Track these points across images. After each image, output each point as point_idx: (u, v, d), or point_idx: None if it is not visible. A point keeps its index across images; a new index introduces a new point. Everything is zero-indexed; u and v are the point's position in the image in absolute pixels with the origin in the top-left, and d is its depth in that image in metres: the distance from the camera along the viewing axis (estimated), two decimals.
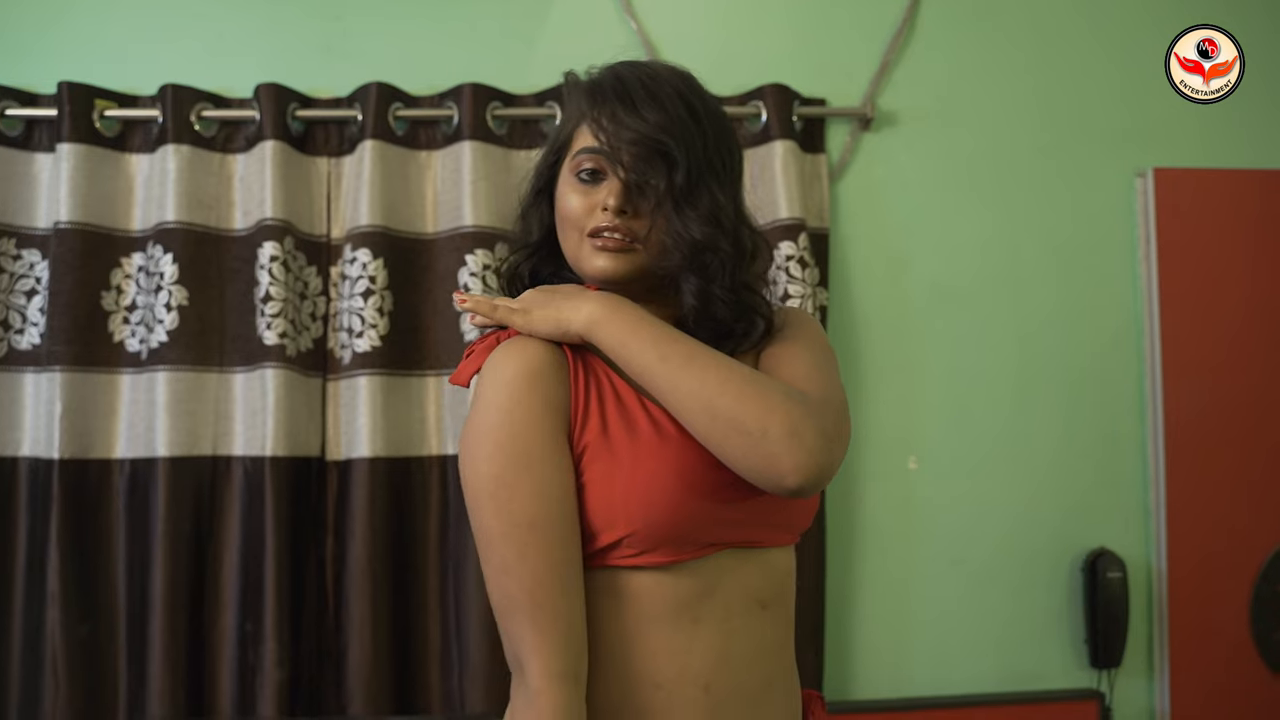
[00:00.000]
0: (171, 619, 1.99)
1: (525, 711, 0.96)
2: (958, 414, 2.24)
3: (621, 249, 1.06)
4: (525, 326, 1.04)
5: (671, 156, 1.04)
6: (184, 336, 2.05)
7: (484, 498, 0.99)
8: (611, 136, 1.04)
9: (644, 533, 0.99)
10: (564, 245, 1.11)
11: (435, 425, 2.11)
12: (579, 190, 1.08)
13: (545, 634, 0.96)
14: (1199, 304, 2.22)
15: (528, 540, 0.97)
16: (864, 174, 2.24)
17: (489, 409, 1.00)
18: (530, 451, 0.99)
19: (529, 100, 2.17)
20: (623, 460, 1.01)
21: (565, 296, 1.05)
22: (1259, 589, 2.20)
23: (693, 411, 0.98)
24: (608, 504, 1.00)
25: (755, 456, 0.95)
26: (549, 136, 1.17)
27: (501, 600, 0.99)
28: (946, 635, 2.20)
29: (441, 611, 2.08)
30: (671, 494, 1.00)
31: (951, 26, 2.27)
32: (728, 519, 1.04)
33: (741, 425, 0.95)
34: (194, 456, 2.04)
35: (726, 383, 0.97)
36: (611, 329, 1.01)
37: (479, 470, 0.99)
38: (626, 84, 1.06)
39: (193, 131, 2.09)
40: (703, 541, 1.03)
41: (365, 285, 2.06)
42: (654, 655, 1.01)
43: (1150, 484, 2.22)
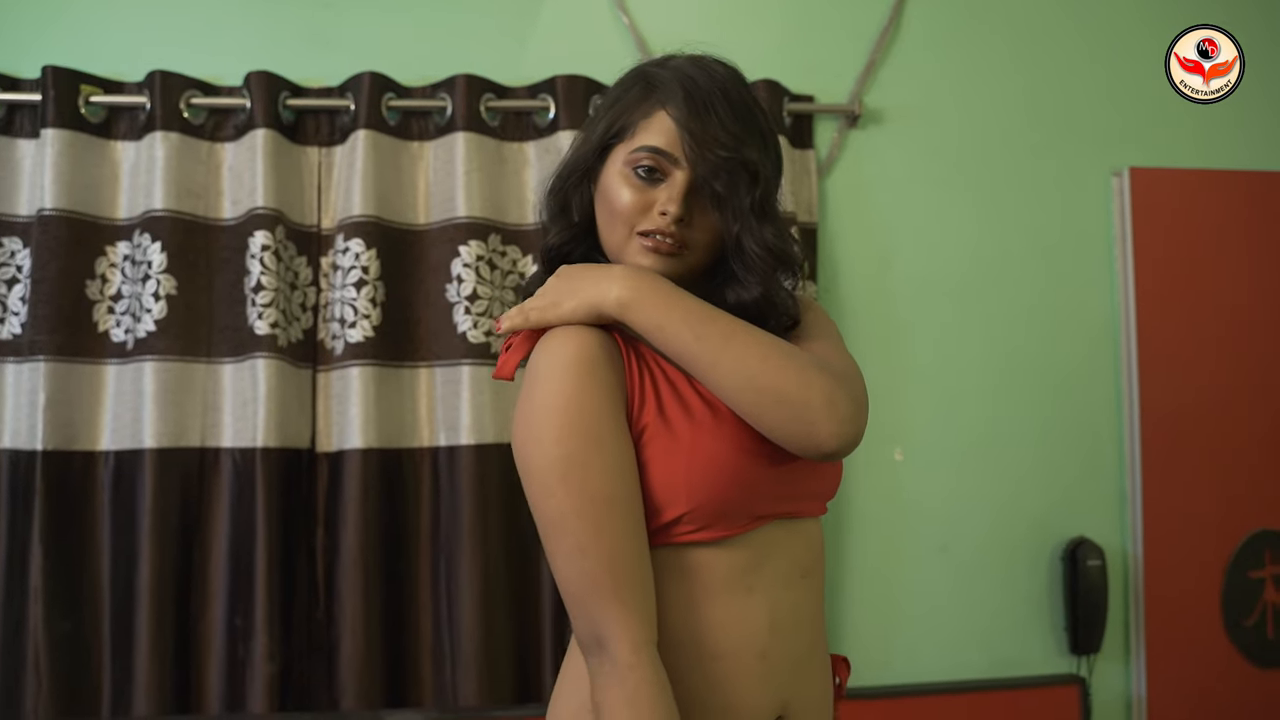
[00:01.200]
0: (158, 613, 1.96)
1: (616, 689, 0.96)
2: (942, 407, 2.28)
3: (671, 253, 1.07)
4: (560, 319, 1.04)
5: (755, 172, 1.06)
6: (172, 326, 2.02)
7: (555, 479, 0.98)
8: (698, 147, 1.04)
9: (704, 508, 1.02)
10: (606, 234, 1.11)
11: (427, 417, 2.11)
12: (634, 185, 1.07)
13: (630, 609, 0.97)
14: (1174, 300, 2.29)
15: (604, 517, 0.98)
16: (851, 170, 2.28)
17: (552, 392, 1.00)
18: (600, 430, 1.00)
19: (521, 93, 2.17)
20: (681, 438, 1.03)
21: (588, 279, 1.05)
22: (1230, 576, 2.27)
23: (734, 388, 1.01)
24: (669, 482, 1.01)
25: (796, 425, 1.00)
26: (600, 116, 1.13)
27: (579, 580, 0.98)
28: (931, 624, 2.24)
29: (434, 604, 2.07)
30: (730, 469, 1.02)
31: (935, 27, 2.31)
32: (774, 492, 1.07)
33: (784, 397, 1.00)
34: (182, 448, 2.01)
35: (767, 359, 1.01)
36: (645, 311, 1.02)
37: (549, 452, 0.99)
38: (709, 91, 1.06)
39: (181, 119, 2.06)
40: (754, 514, 1.05)
41: (358, 275, 2.05)
42: (713, 627, 1.03)
43: (1127, 474, 2.28)
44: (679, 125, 1.05)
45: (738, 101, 1.08)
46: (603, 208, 1.11)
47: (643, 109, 1.08)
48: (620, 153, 1.09)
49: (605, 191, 1.10)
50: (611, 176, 1.09)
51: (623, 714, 0.95)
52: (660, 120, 1.07)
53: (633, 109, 1.09)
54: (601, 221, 1.11)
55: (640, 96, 1.09)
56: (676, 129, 1.05)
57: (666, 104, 1.06)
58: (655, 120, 1.07)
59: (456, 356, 2.07)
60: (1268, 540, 2.29)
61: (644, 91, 1.09)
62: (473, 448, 2.04)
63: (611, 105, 1.11)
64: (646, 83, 1.10)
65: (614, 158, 1.09)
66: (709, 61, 1.11)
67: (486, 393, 2.06)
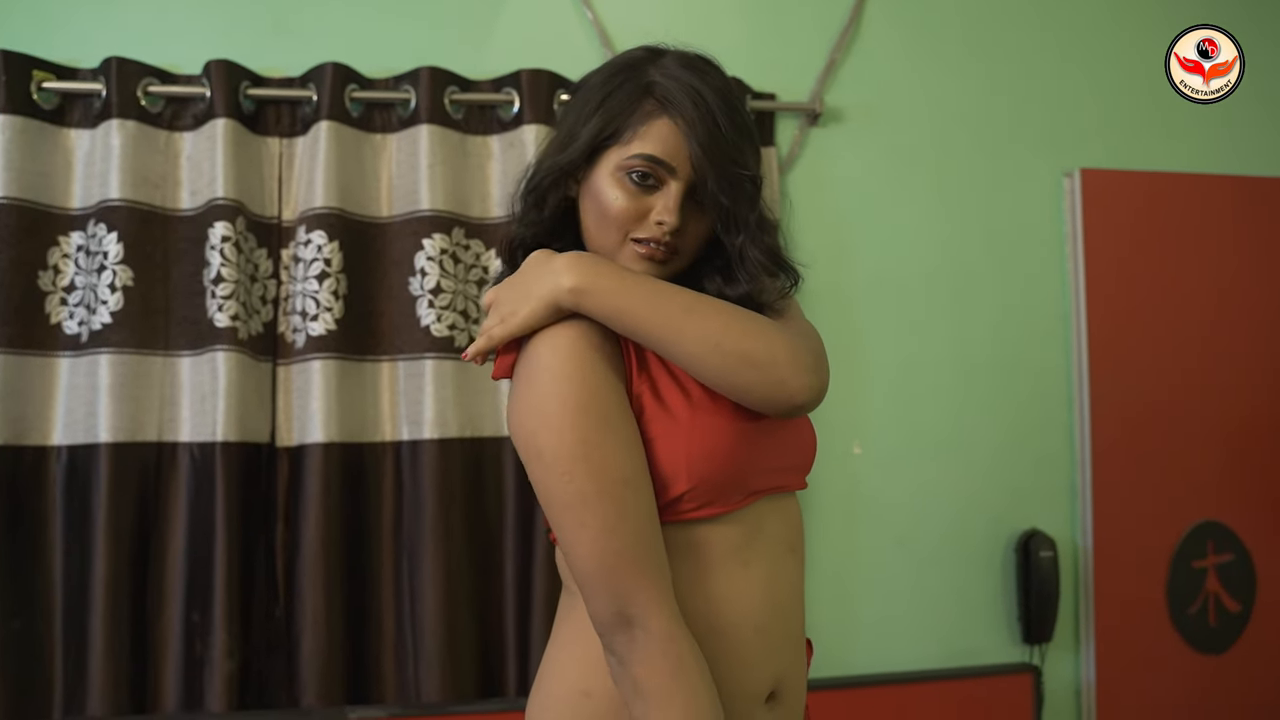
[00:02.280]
0: (113, 610, 1.92)
1: (658, 660, 0.97)
2: (900, 402, 2.32)
3: (664, 259, 1.09)
4: (523, 327, 1.03)
5: (758, 184, 1.09)
6: (128, 318, 1.98)
7: (574, 462, 0.98)
8: (708, 162, 1.04)
9: (704, 485, 1.03)
10: (597, 237, 1.10)
11: (390, 411, 2.09)
12: (628, 191, 1.06)
13: (659, 584, 0.99)
14: (1124, 298, 2.36)
15: (626, 496, 0.99)
16: (812, 168, 2.31)
17: (559, 378, 1.00)
18: (611, 411, 1.01)
19: (486, 86, 2.16)
20: (680, 418, 1.04)
21: (535, 277, 1.04)
22: (1175, 566, 2.34)
23: (700, 356, 1.03)
24: (670, 461, 1.03)
25: (766, 384, 1.03)
26: (586, 112, 1.10)
27: (605, 559, 0.98)
28: (889, 615, 2.28)
29: (396, 599, 2.06)
30: (726, 445, 1.05)
31: (894, 28, 2.35)
32: (765, 466, 1.10)
33: (751, 358, 1.03)
34: (138, 442, 1.97)
35: (728, 325, 1.04)
36: (601, 297, 1.02)
37: (563, 437, 0.99)
38: (713, 103, 1.06)
39: (139, 107, 2.02)
40: (749, 489, 1.08)
41: (320, 268, 2.02)
42: (711, 602, 1.05)
43: (1078, 468, 2.34)
44: (686, 139, 1.05)
45: (736, 110, 1.09)
46: (593, 210, 1.10)
47: (641, 114, 1.06)
48: (614, 156, 1.07)
49: (597, 195, 1.08)
50: (603, 179, 1.08)
51: (669, 684, 0.96)
52: (661, 128, 1.06)
53: (628, 112, 1.07)
54: (591, 223, 1.10)
55: (635, 99, 1.07)
56: (684, 142, 1.05)
57: (671, 114, 1.06)
58: (655, 128, 1.06)
59: (420, 350, 2.06)
60: (1211, 531, 2.36)
61: (640, 94, 1.07)
62: (436, 442, 2.03)
63: (601, 104, 1.08)
64: (642, 85, 1.07)
65: (606, 160, 1.08)
66: (703, 66, 1.10)
67: (450, 387, 2.05)
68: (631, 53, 1.14)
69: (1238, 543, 2.38)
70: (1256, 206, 2.45)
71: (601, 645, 1.01)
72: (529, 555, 2.06)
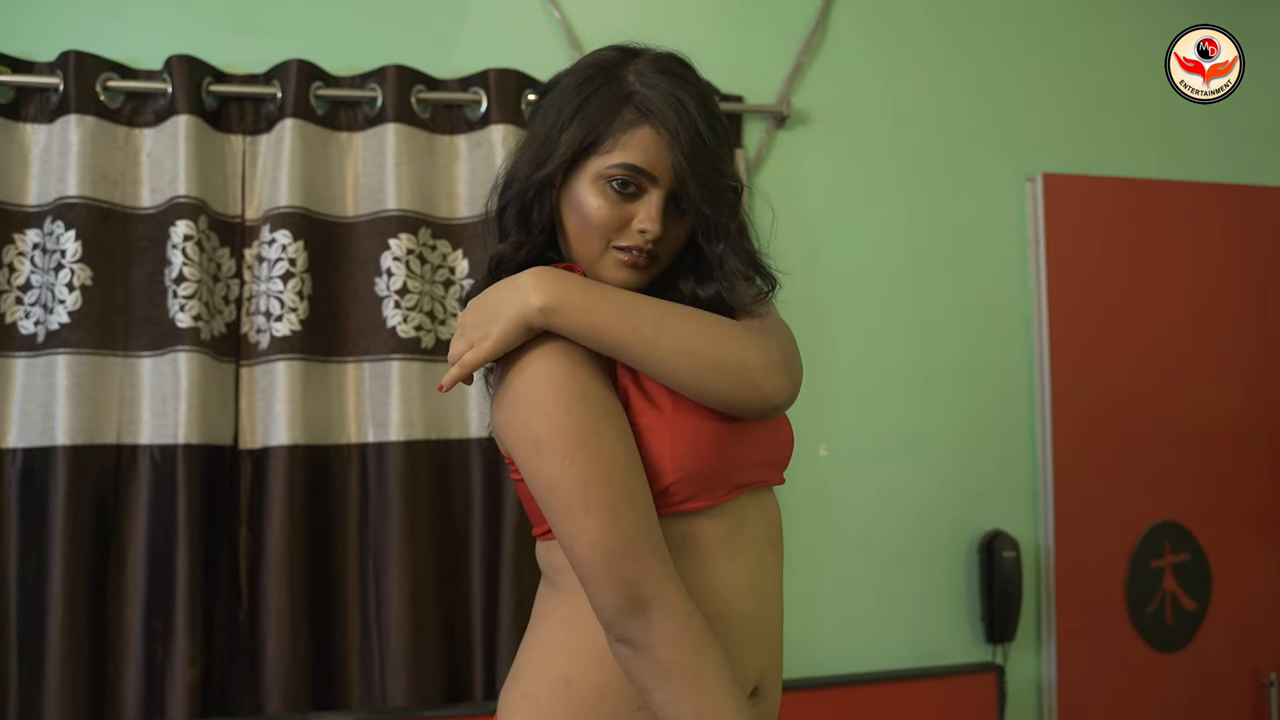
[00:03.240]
0: (71, 617, 1.88)
1: (681, 638, 0.97)
2: (865, 404, 2.33)
3: (646, 266, 1.09)
4: (495, 350, 1.03)
5: (739, 192, 1.10)
6: (87, 318, 1.94)
7: (573, 446, 0.98)
8: (691, 174, 1.05)
9: (690, 478, 1.04)
10: (578, 245, 1.10)
11: (355, 412, 2.07)
12: (609, 199, 1.06)
13: (667, 564, 0.99)
14: (1084, 302, 2.39)
15: (627, 480, 0.99)
16: (778, 170, 2.31)
17: (551, 368, 1.01)
18: (605, 399, 1.02)
19: (453, 85, 2.15)
20: (665, 412, 1.05)
21: (501, 299, 1.03)
22: (1134, 565, 2.38)
23: (675, 368, 1.03)
24: (657, 453, 1.04)
25: (742, 389, 1.04)
26: (563, 118, 1.08)
27: (613, 544, 0.97)
28: (854, 615, 2.29)
29: (362, 603, 2.04)
30: (709, 438, 1.06)
31: (861, 31, 2.37)
32: (747, 460, 1.11)
33: (724, 365, 1.04)
34: (97, 445, 1.93)
35: (700, 333, 1.04)
36: (571, 315, 1.01)
37: (561, 423, 0.99)
38: (695, 113, 1.05)
39: (97, 102, 1.98)
40: (733, 482, 1.09)
41: (285, 268, 2.00)
42: (704, 594, 1.04)
43: (1040, 468, 2.37)
44: (669, 149, 1.05)
45: (715, 116, 1.09)
46: (574, 218, 1.09)
47: (621, 122, 1.06)
48: (594, 164, 1.07)
49: (578, 203, 1.08)
50: (584, 188, 1.07)
51: (696, 660, 0.97)
52: (643, 138, 1.05)
53: (608, 119, 1.06)
54: (573, 231, 1.10)
55: (614, 106, 1.06)
56: (666, 152, 1.05)
57: (653, 123, 1.05)
58: (637, 137, 1.05)
59: (386, 351, 2.04)
60: (1168, 531, 2.41)
61: (619, 101, 1.06)
62: (402, 444, 2.01)
63: (578, 110, 1.07)
64: (622, 92, 1.07)
65: (586, 168, 1.07)
66: (680, 69, 1.10)
67: (416, 388, 2.03)
68: (604, 53, 1.13)
69: (1193, 542, 2.43)
70: (1217, 212, 2.50)
71: (608, 637, 1.00)
72: (496, 558, 2.05)
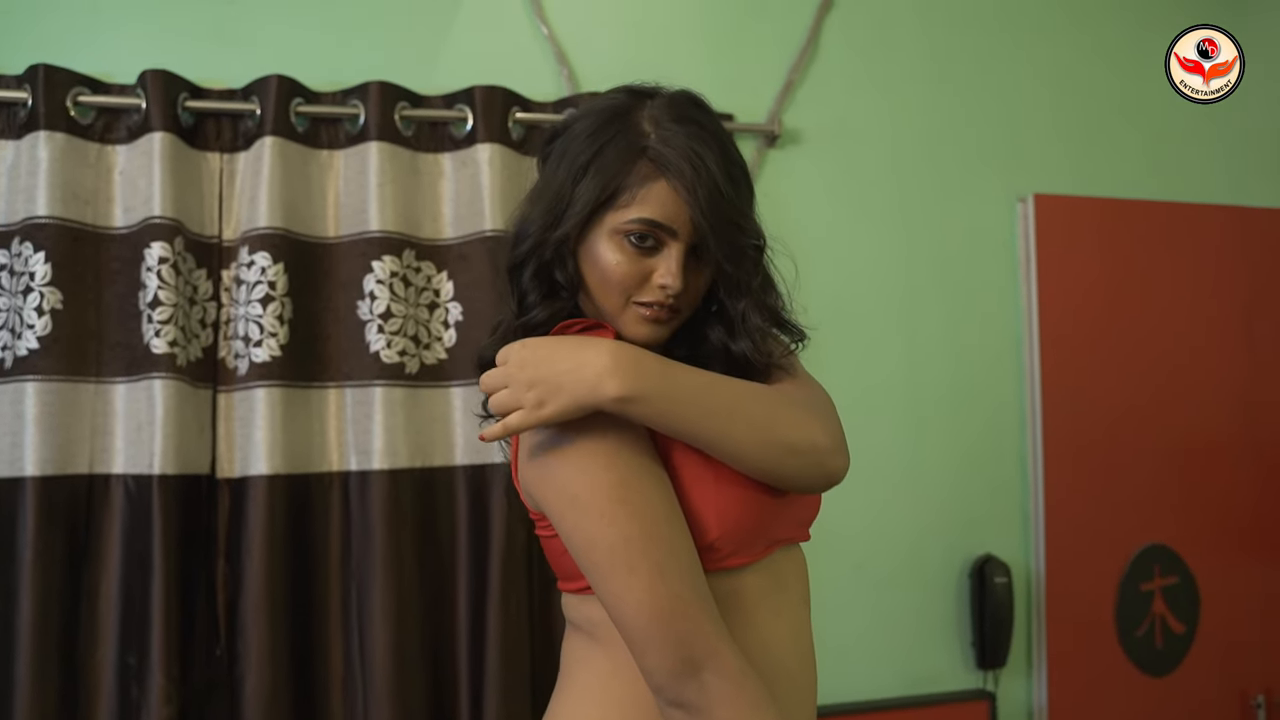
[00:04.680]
0: (40, 653, 1.80)
1: (739, 698, 0.93)
2: (855, 427, 2.25)
3: (668, 319, 1.07)
4: (552, 422, 0.97)
5: (761, 247, 1.09)
6: (57, 343, 1.86)
7: (614, 505, 0.95)
8: (712, 232, 1.02)
9: (733, 533, 1.02)
10: (600, 299, 1.07)
11: (337, 439, 2.01)
12: (628, 254, 1.04)
13: (718, 621, 0.96)
14: (1076, 324, 2.37)
15: (675, 536, 0.97)
16: (769, 189, 2.27)
17: (585, 427, 0.98)
18: (645, 453, 1.00)
19: (437, 102, 2.09)
20: (704, 468, 1.03)
21: (566, 364, 0.97)
22: (1124, 589, 2.36)
23: (746, 454, 1.01)
24: (700, 507, 1.01)
25: (812, 469, 1.05)
26: (576, 169, 1.05)
27: (661, 604, 0.93)
28: (846, 642, 2.26)
29: (345, 636, 1.98)
30: (756, 492, 1.04)
31: (853, 49, 2.33)
32: (784, 516, 1.10)
33: (795, 448, 1.03)
34: (69, 475, 1.86)
35: (773, 420, 1.03)
36: (646, 407, 0.97)
37: (599, 479, 0.96)
38: (714, 166, 1.02)
39: (68, 118, 1.90)
40: (769, 539, 1.08)
41: (264, 291, 1.93)
42: (753, 650, 1.02)
43: (1031, 492, 2.35)
44: (687, 204, 1.02)
45: (734, 163, 1.07)
46: (592, 273, 1.07)
47: (638, 176, 1.03)
48: (611, 219, 1.04)
49: (595, 258, 1.06)
50: (601, 243, 1.05)
51: None
52: (660, 192, 1.03)
53: (624, 172, 1.03)
54: (593, 286, 1.08)
55: (629, 158, 1.03)
56: (684, 206, 1.02)
57: (669, 178, 1.03)
58: (654, 191, 1.03)
59: (368, 377, 1.98)
60: (1157, 554, 2.39)
61: (634, 154, 1.04)
62: (386, 473, 1.95)
63: (592, 161, 1.04)
64: (637, 145, 1.04)
65: (603, 222, 1.05)
66: (696, 114, 1.07)
67: (400, 415, 1.98)
68: (616, 97, 1.10)
69: (1182, 565, 2.42)
70: (1209, 234, 2.49)
71: (660, 702, 0.96)
72: (482, 589, 2.00)
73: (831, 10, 2.32)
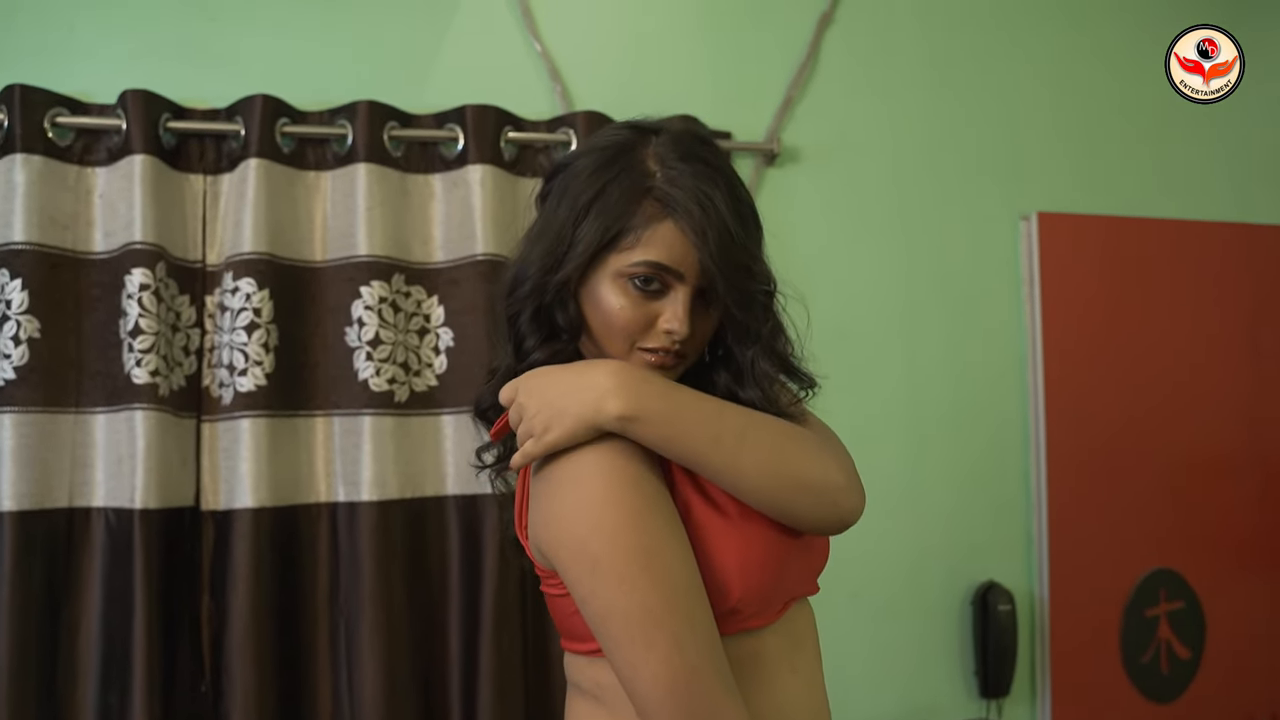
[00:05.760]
0: (18, 693, 1.75)
1: None
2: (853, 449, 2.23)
3: (674, 365, 1.03)
4: (554, 446, 0.95)
5: (771, 292, 1.05)
6: (34, 373, 1.81)
7: (635, 571, 0.90)
8: (722, 277, 0.98)
9: (755, 594, 0.98)
10: (604, 344, 1.03)
11: (325, 469, 1.95)
12: (632, 298, 1.00)
13: (735, 696, 0.92)
14: (1080, 345, 2.32)
15: (692, 605, 0.92)
16: (767, 209, 2.16)
17: (608, 474, 0.93)
18: (669, 517, 0.95)
19: (428, 121, 2.03)
20: (732, 519, 0.99)
21: (572, 392, 0.95)
22: (1128, 615, 2.32)
23: (756, 486, 0.97)
24: (723, 565, 0.97)
25: (821, 508, 1.00)
26: (577, 208, 1.01)
27: (681, 679, 0.89)
28: (845, 671, 2.20)
29: (333, 672, 1.92)
30: (778, 548, 1.01)
31: (853, 66, 2.28)
32: (800, 570, 1.06)
33: (806, 483, 0.99)
34: (47, 509, 1.81)
35: (784, 451, 0.99)
36: (652, 425, 0.95)
37: (623, 543, 0.91)
38: (722, 206, 0.98)
39: (45, 139, 1.85)
40: (787, 595, 1.04)
41: (249, 318, 1.88)
42: (766, 714, 0.99)
43: (1034, 516, 2.30)
44: (696, 248, 0.98)
45: (742, 202, 1.03)
46: (595, 317, 1.03)
47: (643, 216, 0.99)
48: (614, 261, 1.00)
49: (598, 301, 1.01)
50: (604, 285, 1.01)
51: None
52: (666, 234, 0.98)
53: (628, 213, 0.99)
54: (596, 331, 1.04)
55: (634, 198, 0.99)
56: (691, 249, 0.98)
57: (676, 219, 0.98)
58: (660, 233, 0.98)
59: (357, 406, 1.93)
60: (1163, 579, 2.35)
61: (638, 194, 0.99)
62: (375, 504, 1.90)
63: (595, 201, 1.00)
64: (642, 185, 0.99)
65: (606, 264, 1.00)
66: (703, 152, 1.02)
67: (389, 445, 1.92)
68: (618, 133, 1.06)
69: (1188, 589, 2.37)
70: (1215, 252, 2.44)
71: None
72: (475, 624, 1.94)
73: (832, 24, 2.26)
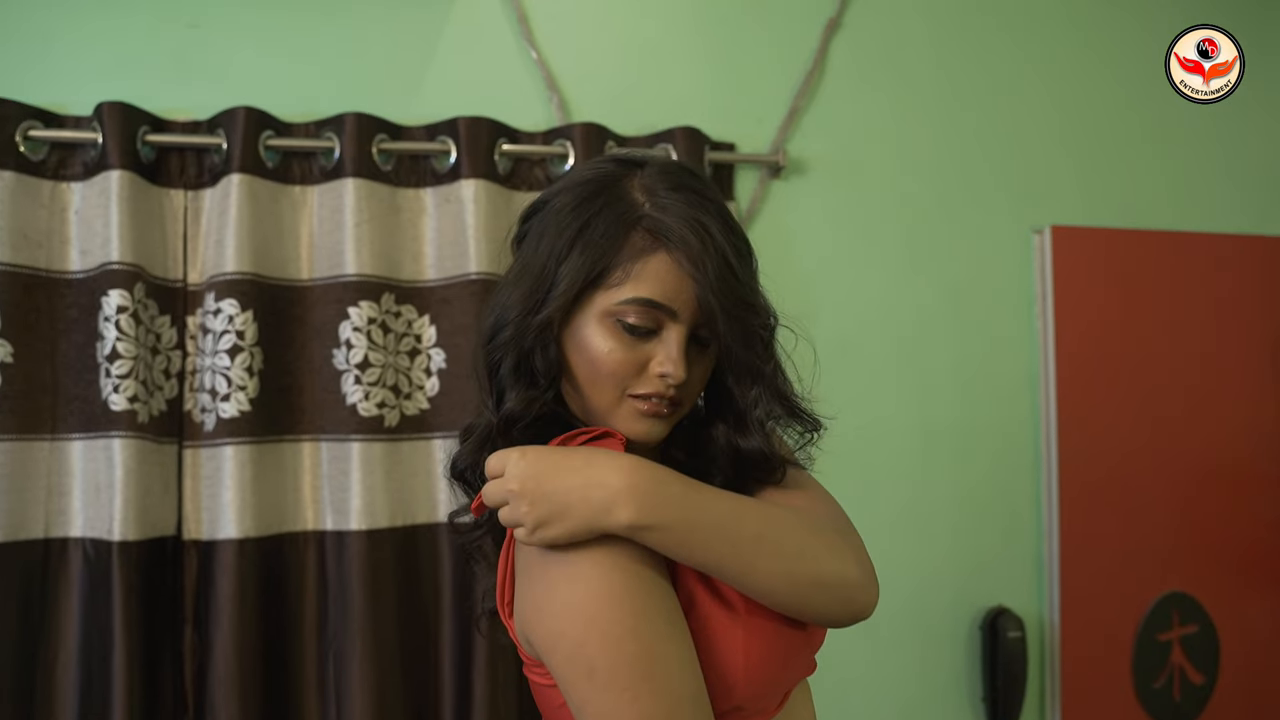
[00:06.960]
0: None
1: None
2: (859, 469, 2.18)
3: (669, 414, 0.95)
4: (555, 543, 0.86)
5: (773, 330, 0.98)
6: (7, 399, 1.74)
7: (636, 680, 0.82)
8: (723, 314, 0.91)
9: (762, 687, 0.93)
10: (590, 393, 0.96)
11: (311, 496, 1.88)
12: (620, 341, 0.92)
13: None
14: (1094, 362, 2.25)
15: (694, 716, 0.84)
16: (773, 222, 2.15)
17: (609, 572, 0.85)
18: (673, 617, 0.87)
19: (419, 133, 1.95)
20: (738, 612, 0.93)
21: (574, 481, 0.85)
22: (1141, 639, 2.25)
23: (771, 588, 0.90)
24: (729, 662, 0.90)
25: (838, 604, 0.94)
26: (561, 243, 0.94)
27: None
28: (848, 699, 2.15)
29: (321, 706, 1.86)
30: (784, 641, 0.95)
31: (860, 76, 2.19)
32: (801, 655, 0.99)
33: (823, 583, 0.92)
34: (21, 541, 1.74)
35: (801, 552, 0.91)
36: (662, 536, 0.86)
37: (624, 651, 0.83)
38: (717, 234, 0.91)
39: (17, 154, 1.77)
40: (789, 686, 0.99)
41: (231, 341, 1.80)
42: None
43: (1045, 540, 2.24)
44: (693, 281, 0.91)
45: (739, 237, 0.96)
46: (580, 363, 0.95)
47: (632, 249, 0.92)
48: (601, 299, 0.92)
49: (583, 345, 0.93)
50: (590, 328, 0.93)
51: None
52: (658, 267, 0.91)
53: (615, 246, 0.92)
54: (582, 377, 0.95)
55: (622, 230, 0.92)
56: (686, 283, 0.91)
57: (671, 250, 0.91)
58: (651, 266, 0.91)
59: (345, 431, 1.85)
60: (1176, 602, 2.28)
61: (627, 225, 0.92)
62: (364, 533, 1.83)
63: (579, 235, 0.93)
64: (631, 216, 0.92)
65: (592, 303, 0.93)
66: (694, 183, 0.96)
67: (379, 472, 1.85)
68: (601, 166, 0.98)
69: (1202, 613, 2.31)
70: (1230, 265, 2.36)
71: None
72: (468, 658, 1.88)
73: (839, 30, 2.18)
